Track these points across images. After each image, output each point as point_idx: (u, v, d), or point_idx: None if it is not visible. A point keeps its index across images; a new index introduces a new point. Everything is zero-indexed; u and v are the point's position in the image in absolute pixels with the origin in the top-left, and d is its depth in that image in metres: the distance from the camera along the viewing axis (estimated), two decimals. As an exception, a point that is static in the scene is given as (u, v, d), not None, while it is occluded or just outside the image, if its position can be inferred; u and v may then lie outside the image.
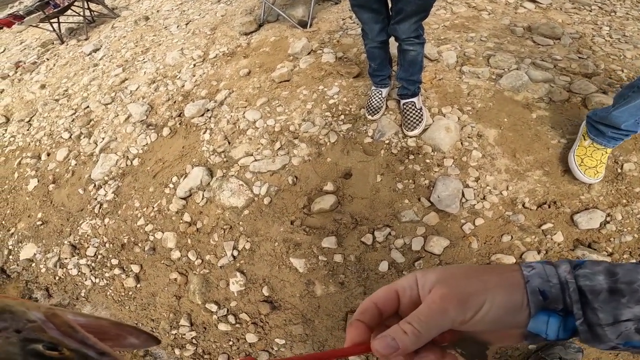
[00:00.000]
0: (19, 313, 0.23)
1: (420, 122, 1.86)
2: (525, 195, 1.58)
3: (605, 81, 1.97)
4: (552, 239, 1.46)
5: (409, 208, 1.64)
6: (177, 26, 3.83)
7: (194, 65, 3.00)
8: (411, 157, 1.80)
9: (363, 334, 0.35)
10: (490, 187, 1.63)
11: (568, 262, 0.32)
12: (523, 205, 1.56)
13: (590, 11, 2.64)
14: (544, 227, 1.49)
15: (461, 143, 1.80)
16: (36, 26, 4.72)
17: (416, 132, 1.85)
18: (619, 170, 1.60)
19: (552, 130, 1.79)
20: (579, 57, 2.17)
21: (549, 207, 1.54)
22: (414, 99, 1.89)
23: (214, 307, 1.63)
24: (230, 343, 1.55)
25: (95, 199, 2.20)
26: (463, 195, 1.62)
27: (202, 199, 1.93)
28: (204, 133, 2.28)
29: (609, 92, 1.89)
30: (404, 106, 1.91)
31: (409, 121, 1.87)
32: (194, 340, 1.60)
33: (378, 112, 1.99)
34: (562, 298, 0.31)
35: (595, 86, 1.91)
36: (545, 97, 1.93)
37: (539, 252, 1.45)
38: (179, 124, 2.44)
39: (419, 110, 1.88)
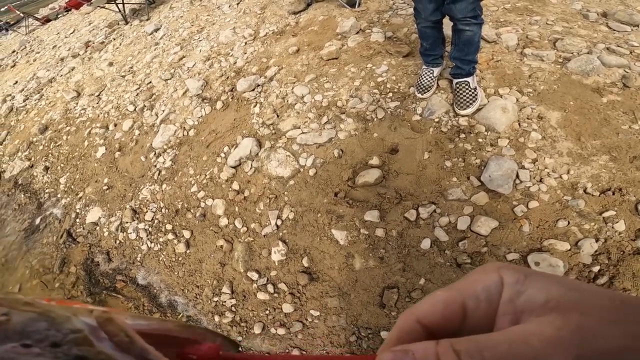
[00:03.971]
0: (59, 320, 0.18)
1: (474, 101, 1.79)
2: (587, 180, 1.48)
3: (687, 69, 1.77)
4: (612, 227, 1.37)
5: (457, 186, 1.60)
6: (229, 6, 3.96)
7: (245, 43, 3.11)
8: (462, 135, 1.74)
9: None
10: (548, 170, 1.54)
11: None
12: (584, 191, 1.46)
13: (674, -1, 2.39)
14: (606, 214, 1.39)
15: (519, 124, 1.71)
16: (103, 7, 5.11)
17: (469, 111, 1.78)
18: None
19: (624, 115, 1.65)
20: (660, 45, 1.98)
21: (613, 194, 1.43)
22: (468, 79, 1.82)
23: (255, 276, 1.68)
24: (267, 312, 1.60)
25: (155, 165, 2.39)
26: (517, 176, 1.55)
27: (251, 168, 2.02)
28: (254, 106, 2.38)
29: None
30: (457, 85, 1.85)
31: (461, 100, 1.81)
32: (233, 308, 1.66)
33: (428, 91, 1.94)
34: None
35: (676, 73, 1.74)
36: (619, 83, 1.80)
37: (597, 240, 1.36)
38: (231, 98, 2.56)
39: (472, 90, 1.81)
